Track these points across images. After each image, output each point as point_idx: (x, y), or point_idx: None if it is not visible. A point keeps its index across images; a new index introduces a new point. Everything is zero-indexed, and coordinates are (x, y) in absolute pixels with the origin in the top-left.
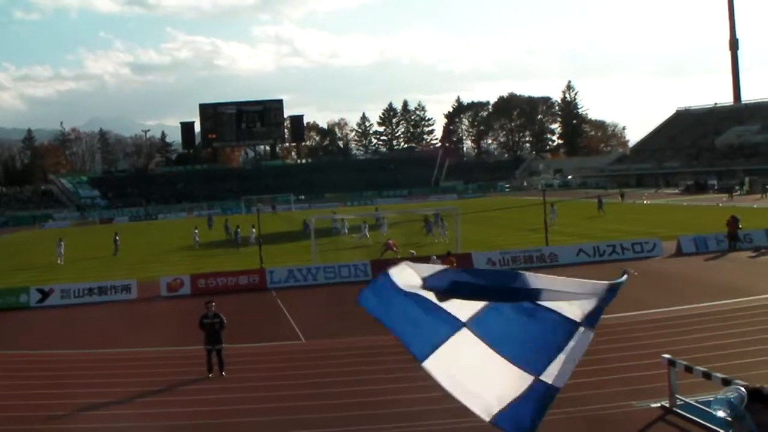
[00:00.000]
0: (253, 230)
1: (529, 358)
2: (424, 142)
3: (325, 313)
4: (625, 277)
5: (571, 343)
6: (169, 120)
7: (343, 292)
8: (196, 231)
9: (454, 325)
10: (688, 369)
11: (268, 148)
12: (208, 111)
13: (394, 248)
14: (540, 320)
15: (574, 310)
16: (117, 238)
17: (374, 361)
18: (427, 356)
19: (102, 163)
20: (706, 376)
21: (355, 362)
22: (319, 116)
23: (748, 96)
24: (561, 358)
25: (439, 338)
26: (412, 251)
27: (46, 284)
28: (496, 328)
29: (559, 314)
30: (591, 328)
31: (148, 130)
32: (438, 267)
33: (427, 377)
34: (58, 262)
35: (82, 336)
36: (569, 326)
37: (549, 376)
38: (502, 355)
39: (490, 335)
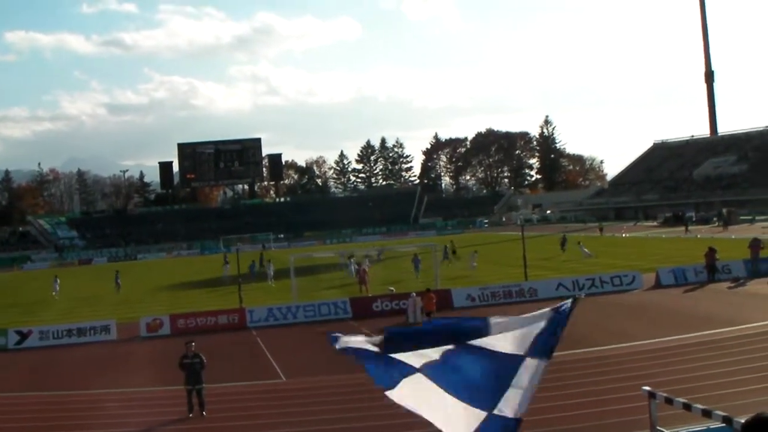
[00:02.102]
0: (271, 265)
1: (479, 396)
2: (402, 178)
3: (305, 352)
4: (569, 301)
5: (521, 375)
6: (147, 160)
7: (322, 330)
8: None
9: (408, 369)
10: (669, 401)
11: (246, 186)
12: (186, 150)
13: (365, 278)
14: (484, 360)
15: (516, 344)
16: (118, 277)
17: (355, 399)
18: (392, 387)
19: (80, 204)
20: (687, 407)
21: (337, 401)
22: (297, 154)
23: (724, 128)
24: (512, 391)
25: (396, 378)
26: (391, 288)
27: (25, 326)
28: (447, 374)
29: (501, 353)
30: (539, 357)
31: (127, 170)
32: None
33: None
34: (54, 295)
35: (61, 377)
36: (512, 361)
37: (502, 409)
38: (455, 396)
39: (443, 379)
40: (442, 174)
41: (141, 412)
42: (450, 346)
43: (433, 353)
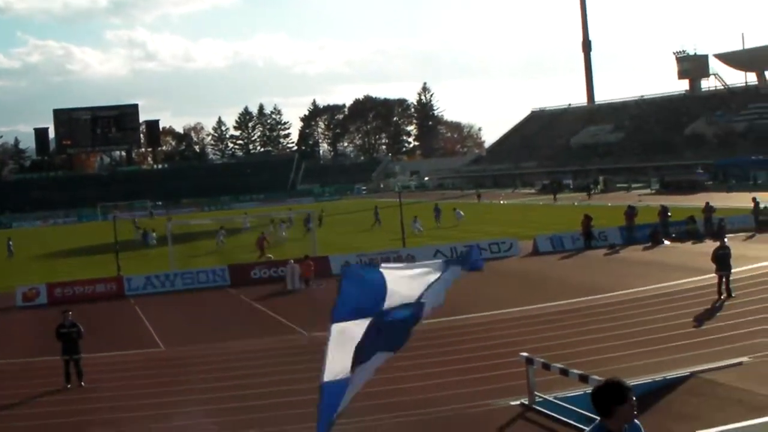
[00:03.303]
0: (153, 233)
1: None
2: (280, 145)
3: (184, 320)
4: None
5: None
6: (22, 126)
7: (201, 298)
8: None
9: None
10: (546, 366)
11: (123, 153)
12: (62, 116)
13: (265, 245)
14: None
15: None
16: (10, 243)
17: (233, 368)
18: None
19: None
20: (563, 372)
21: (215, 369)
22: (175, 121)
23: (601, 96)
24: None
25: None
26: (270, 255)
27: None
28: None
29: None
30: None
31: (1, 137)
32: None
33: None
34: None
35: None
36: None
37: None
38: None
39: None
40: (320, 141)
41: (17, 384)
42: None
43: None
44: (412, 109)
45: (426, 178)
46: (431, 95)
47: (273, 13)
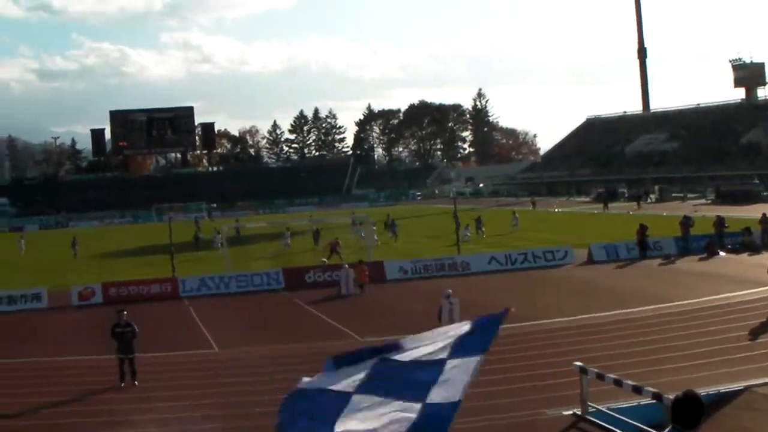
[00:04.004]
0: (218, 234)
1: (411, 392)
2: (335, 149)
3: (237, 322)
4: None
5: (445, 374)
6: (78, 127)
7: (255, 301)
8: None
9: (344, 397)
10: (600, 376)
11: (179, 155)
12: (118, 118)
13: (338, 249)
14: (409, 368)
15: (435, 350)
16: (76, 243)
17: (287, 370)
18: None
19: (10, 170)
20: (618, 383)
21: (268, 372)
22: (230, 123)
23: (656, 104)
24: (439, 386)
25: (335, 415)
26: (324, 259)
27: None
28: (379, 383)
29: (423, 360)
30: (465, 356)
31: (58, 137)
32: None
33: None
34: (20, 254)
35: None
36: (435, 365)
37: (433, 399)
38: (391, 397)
39: (377, 389)
40: (375, 145)
41: (72, 381)
42: (373, 361)
43: (359, 375)
44: (467, 115)
45: (481, 185)
46: (486, 101)
47: (327, 17)
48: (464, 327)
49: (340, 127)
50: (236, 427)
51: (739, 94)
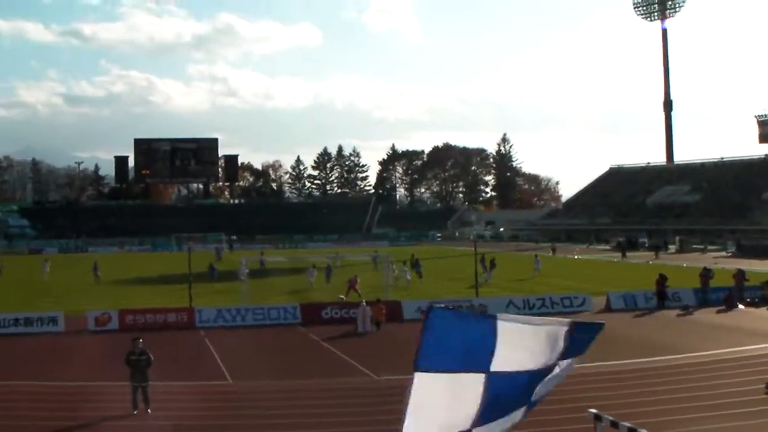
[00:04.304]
0: (244, 265)
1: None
2: (357, 187)
3: (252, 354)
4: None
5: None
6: (102, 153)
7: (271, 334)
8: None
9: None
10: (614, 424)
11: (201, 186)
12: (142, 146)
13: (356, 287)
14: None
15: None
16: (97, 268)
17: (301, 405)
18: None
19: (33, 193)
20: None
21: (281, 405)
22: (253, 157)
23: (680, 156)
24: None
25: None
26: (342, 296)
27: None
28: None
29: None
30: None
31: (81, 162)
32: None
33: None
34: (44, 278)
35: (4, 367)
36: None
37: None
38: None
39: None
40: (398, 185)
41: (85, 406)
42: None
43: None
44: (491, 159)
45: (501, 229)
46: (510, 146)
47: (354, 56)
48: (564, 327)
49: (363, 166)
50: None
51: (764, 149)
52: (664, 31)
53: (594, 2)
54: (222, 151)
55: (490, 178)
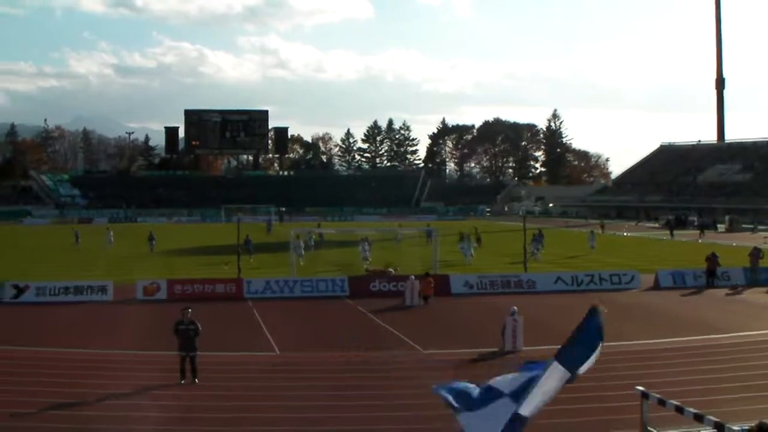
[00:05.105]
0: (311, 235)
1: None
2: (407, 161)
3: (300, 326)
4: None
5: (546, 379)
6: (153, 123)
7: (319, 307)
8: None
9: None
10: (661, 402)
11: (250, 158)
12: (192, 117)
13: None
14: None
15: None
16: (153, 238)
17: (347, 377)
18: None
19: (84, 163)
20: (679, 410)
21: (328, 377)
22: (303, 129)
23: (731, 135)
24: (535, 393)
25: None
26: (391, 269)
27: (22, 280)
28: None
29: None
30: (563, 364)
31: (132, 132)
32: None
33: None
34: (108, 247)
35: (54, 334)
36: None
37: (523, 407)
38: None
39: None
40: (447, 160)
41: (133, 375)
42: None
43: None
44: (541, 135)
45: (550, 205)
46: (561, 122)
47: (405, 30)
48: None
49: (413, 140)
50: (290, 430)
51: None
52: (718, 9)
53: None
54: (272, 123)
55: (539, 154)
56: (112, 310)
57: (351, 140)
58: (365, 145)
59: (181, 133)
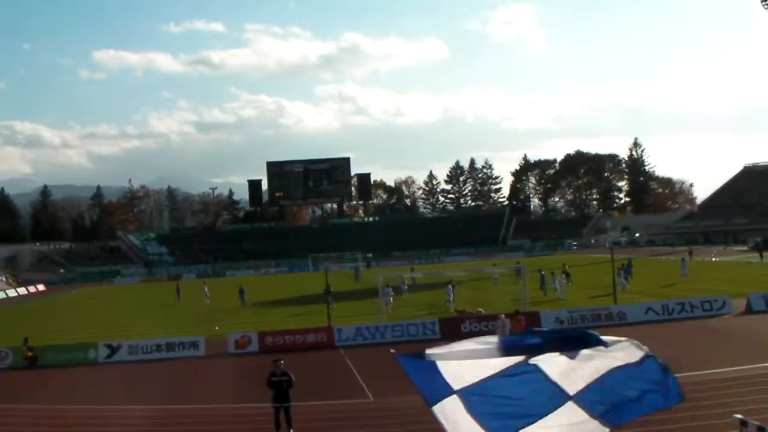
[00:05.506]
0: (404, 279)
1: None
2: (491, 200)
3: (393, 371)
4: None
5: (555, 416)
6: (235, 177)
7: (411, 350)
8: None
9: (447, 390)
10: (761, 429)
11: (335, 206)
12: (275, 169)
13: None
14: (527, 386)
15: (573, 377)
16: (243, 293)
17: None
18: (434, 404)
19: (170, 221)
20: None
21: (422, 421)
22: (385, 174)
23: None
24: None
25: (437, 396)
26: (480, 309)
27: (115, 340)
28: (480, 403)
29: (552, 381)
30: (586, 408)
31: (216, 188)
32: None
33: None
34: (205, 302)
35: (148, 392)
36: (555, 399)
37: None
38: (482, 426)
39: (475, 407)
40: (531, 195)
41: (228, 429)
42: (499, 366)
43: (474, 374)
44: (623, 165)
45: (637, 234)
46: (642, 150)
47: (480, 68)
48: (630, 358)
49: (496, 177)
50: None
51: None
52: None
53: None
54: (354, 170)
55: (623, 184)
56: (204, 365)
57: (434, 182)
58: (448, 186)
59: (265, 186)
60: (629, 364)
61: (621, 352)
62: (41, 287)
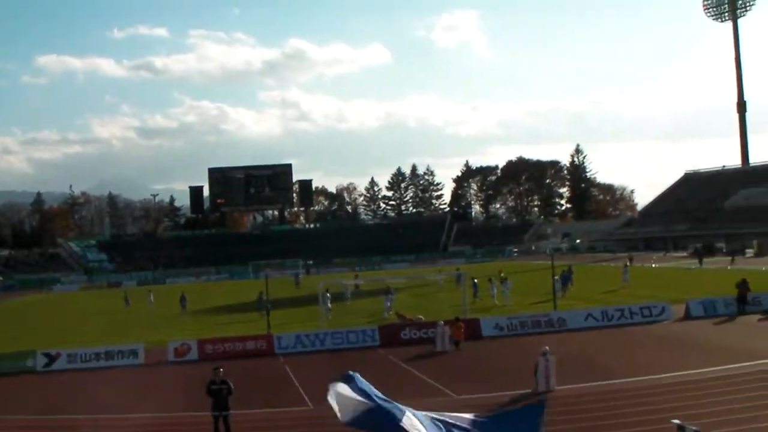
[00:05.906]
0: (348, 287)
1: None
2: (432, 206)
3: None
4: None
5: None
6: (178, 184)
7: (350, 358)
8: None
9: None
10: None
11: (276, 212)
12: (216, 175)
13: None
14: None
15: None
16: (185, 299)
17: None
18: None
19: (110, 227)
20: None
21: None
22: (327, 181)
23: (756, 158)
24: None
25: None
26: (420, 316)
27: (54, 348)
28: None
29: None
30: None
31: (157, 194)
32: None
33: None
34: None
35: (87, 401)
36: None
37: None
38: None
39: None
40: (473, 202)
41: None
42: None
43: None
44: (565, 171)
45: (578, 241)
46: (584, 157)
47: (423, 75)
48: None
49: (437, 184)
50: None
51: None
52: (736, 32)
53: (663, 6)
54: (296, 176)
55: (564, 190)
56: (143, 374)
57: (375, 189)
58: (390, 193)
59: (206, 192)
60: None
61: None
62: None
